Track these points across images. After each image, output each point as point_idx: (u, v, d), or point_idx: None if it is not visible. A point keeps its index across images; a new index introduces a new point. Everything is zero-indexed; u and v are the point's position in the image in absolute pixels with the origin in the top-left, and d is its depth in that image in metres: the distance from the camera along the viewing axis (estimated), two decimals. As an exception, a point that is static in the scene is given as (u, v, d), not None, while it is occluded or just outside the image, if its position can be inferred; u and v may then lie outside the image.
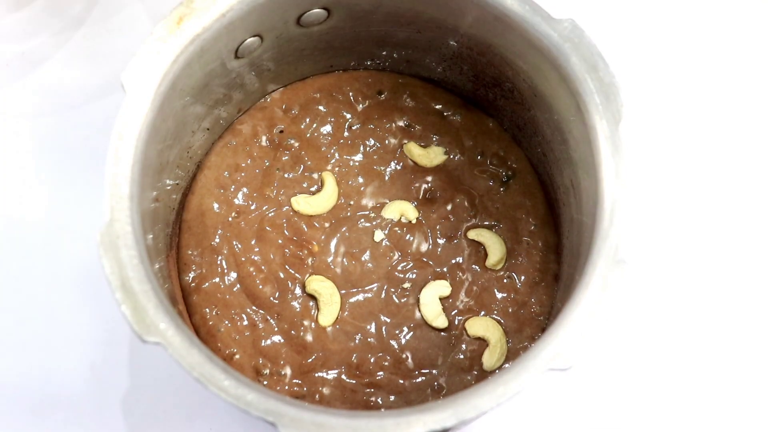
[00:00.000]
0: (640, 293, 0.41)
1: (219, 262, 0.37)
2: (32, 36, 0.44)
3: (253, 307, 0.36)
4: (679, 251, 0.42)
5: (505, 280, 0.37)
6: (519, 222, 0.38)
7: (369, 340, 0.36)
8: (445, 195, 0.38)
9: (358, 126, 0.39)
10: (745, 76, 0.45)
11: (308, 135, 0.39)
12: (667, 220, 0.42)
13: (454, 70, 0.39)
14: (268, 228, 0.37)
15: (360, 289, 0.37)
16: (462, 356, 0.36)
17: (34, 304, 0.40)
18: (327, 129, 0.39)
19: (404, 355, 0.36)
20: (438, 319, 0.36)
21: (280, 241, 0.37)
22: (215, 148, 0.38)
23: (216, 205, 0.37)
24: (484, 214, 0.38)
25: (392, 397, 0.35)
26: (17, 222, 0.41)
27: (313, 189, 0.38)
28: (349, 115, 0.39)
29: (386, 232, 0.38)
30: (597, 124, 0.30)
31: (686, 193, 0.43)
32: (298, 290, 0.37)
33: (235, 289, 0.36)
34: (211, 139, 0.38)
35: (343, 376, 0.35)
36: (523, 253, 0.37)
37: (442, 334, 0.36)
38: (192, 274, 0.37)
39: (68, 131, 0.42)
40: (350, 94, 0.40)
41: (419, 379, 0.35)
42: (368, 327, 0.36)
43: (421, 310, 0.36)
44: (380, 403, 0.35)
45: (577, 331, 0.27)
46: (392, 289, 0.37)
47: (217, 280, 0.36)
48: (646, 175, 0.43)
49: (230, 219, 0.37)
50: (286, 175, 0.38)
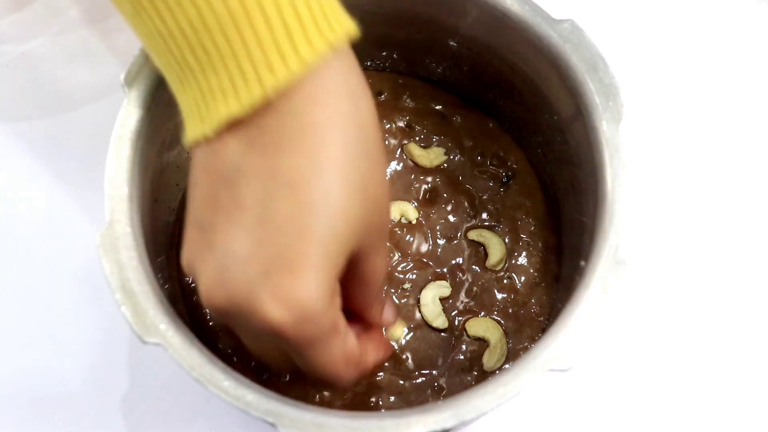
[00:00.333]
0: (640, 294, 0.41)
1: (219, 263, 0.37)
2: (32, 36, 0.44)
3: (253, 308, 0.36)
4: (678, 252, 0.42)
5: (505, 281, 0.37)
6: (519, 222, 0.38)
7: (369, 340, 0.36)
8: (445, 195, 0.38)
9: (358, 126, 0.39)
10: (745, 76, 0.45)
11: (308, 135, 0.39)
12: (667, 221, 0.42)
13: (454, 70, 0.39)
14: (268, 228, 0.37)
15: (360, 290, 0.37)
16: (462, 357, 0.36)
17: (35, 304, 0.40)
18: (327, 129, 0.39)
19: (404, 356, 0.36)
20: (438, 320, 0.36)
21: (280, 242, 0.37)
22: (215, 149, 0.38)
23: (216, 206, 0.37)
24: (484, 215, 0.38)
25: (392, 398, 0.35)
26: (17, 223, 0.41)
27: (313, 189, 0.38)
28: (349, 116, 0.39)
29: (386, 233, 0.38)
30: (597, 125, 0.30)
31: (686, 194, 0.43)
32: (298, 291, 0.36)
33: (235, 290, 0.36)
34: (211, 140, 0.38)
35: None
36: (523, 254, 0.37)
37: (442, 334, 0.36)
38: (192, 275, 0.37)
39: (68, 132, 0.42)
40: (350, 94, 0.40)
41: (419, 380, 0.35)
42: (368, 327, 0.36)
43: (421, 311, 0.36)
44: (380, 403, 0.35)
45: (577, 331, 0.27)
46: (392, 290, 0.37)
47: (217, 280, 0.36)
48: (646, 176, 0.43)
49: (230, 219, 0.37)
50: (286, 176, 0.38)
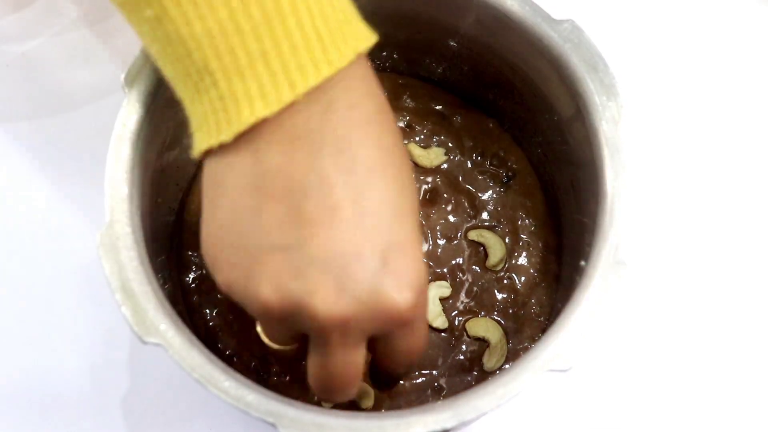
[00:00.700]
0: (640, 294, 0.41)
1: (219, 263, 0.37)
2: (32, 36, 0.44)
3: (253, 308, 0.36)
4: (678, 252, 0.42)
5: (506, 281, 0.37)
6: (519, 222, 0.38)
7: (369, 340, 0.36)
8: (446, 195, 0.38)
9: (358, 126, 0.39)
10: (745, 76, 0.45)
11: (308, 135, 0.39)
12: (667, 221, 0.42)
13: (454, 70, 0.39)
14: (268, 228, 0.37)
15: (360, 290, 0.37)
16: (462, 357, 0.36)
17: (35, 304, 0.40)
18: (327, 129, 0.39)
19: (404, 356, 0.36)
20: (438, 320, 0.36)
21: (280, 242, 0.37)
22: (215, 149, 0.38)
23: (216, 206, 0.37)
24: (484, 215, 0.38)
25: (392, 398, 0.35)
26: (17, 223, 0.41)
27: (313, 189, 0.38)
28: (349, 116, 0.39)
29: (386, 233, 0.38)
30: (597, 125, 0.30)
31: (686, 194, 0.43)
32: (298, 291, 0.36)
33: (235, 290, 0.36)
34: (211, 140, 0.38)
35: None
36: (523, 254, 0.37)
37: (443, 334, 0.36)
38: (192, 275, 0.37)
39: (68, 132, 0.42)
40: (350, 94, 0.40)
41: (419, 380, 0.35)
42: (368, 327, 0.36)
43: (421, 311, 0.36)
44: (380, 403, 0.35)
45: (578, 331, 0.27)
46: (392, 290, 0.37)
47: (217, 280, 0.36)
48: (646, 176, 0.43)
49: (230, 219, 0.37)
50: (286, 176, 0.38)
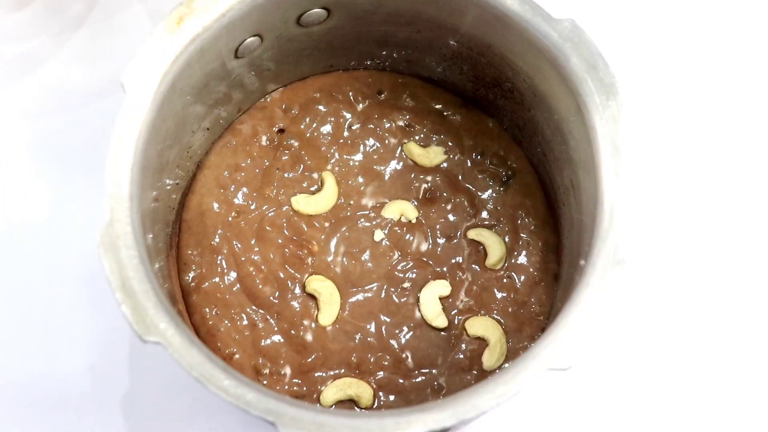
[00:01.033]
0: (640, 293, 0.41)
1: (219, 262, 0.37)
2: (32, 36, 0.44)
3: (253, 307, 0.36)
4: (678, 251, 0.42)
5: (505, 280, 0.37)
6: (519, 222, 0.38)
7: (369, 339, 0.36)
8: (445, 195, 0.38)
9: (358, 126, 0.39)
10: (745, 75, 0.45)
11: (308, 135, 0.39)
12: (667, 220, 0.42)
13: (454, 70, 0.39)
14: (268, 228, 0.37)
15: (360, 289, 0.37)
16: (462, 356, 0.36)
17: (35, 304, 0.40)
18: (327, 129, 0.39)
19: (404, 355, 0.36)
20: (438, 319, 0.36)
21: (280, 241, 0.37)
22: (215, 148, 0.38)
23: (216, 205, 0.37)
24: (484, 214, 0.38)
25: (392, 397, 0.35)
26: (17, 222, 0.41)
27: (313, 189, 0.38)
28: (349, 115, 0.39)
29: (386, 232, 0.38)
30: (597, 124, 0.30)
31: (686, 193, 0.43)
32: (298, 290, 0.37)
33: (234, 289, 0.36)
34: (211, 139, 0.38)
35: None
36: (523, 253, 0.37)
37: (442, 333, 0.36)
38: (192, 274, 0.37)
39: (68, 131, 0.42)
40: (350, 94, 0.40)
41: (419, 379, 0.35)
42: (368, 327, 0.36)
43: (421, 310, 0.36)
44: (380, 402, 0.35)
45: (577, 331, 0.27)
46: (392, 289, 0.37)
47: (217, 279, 0.36)
48: (646, 175, 0.43)
49: (230, 219, 0.37)
50: (286, 175, 0.38)
